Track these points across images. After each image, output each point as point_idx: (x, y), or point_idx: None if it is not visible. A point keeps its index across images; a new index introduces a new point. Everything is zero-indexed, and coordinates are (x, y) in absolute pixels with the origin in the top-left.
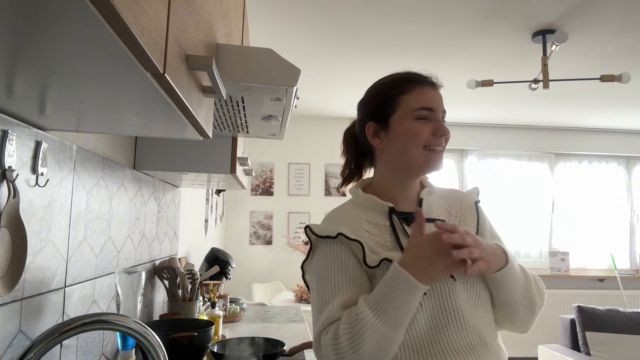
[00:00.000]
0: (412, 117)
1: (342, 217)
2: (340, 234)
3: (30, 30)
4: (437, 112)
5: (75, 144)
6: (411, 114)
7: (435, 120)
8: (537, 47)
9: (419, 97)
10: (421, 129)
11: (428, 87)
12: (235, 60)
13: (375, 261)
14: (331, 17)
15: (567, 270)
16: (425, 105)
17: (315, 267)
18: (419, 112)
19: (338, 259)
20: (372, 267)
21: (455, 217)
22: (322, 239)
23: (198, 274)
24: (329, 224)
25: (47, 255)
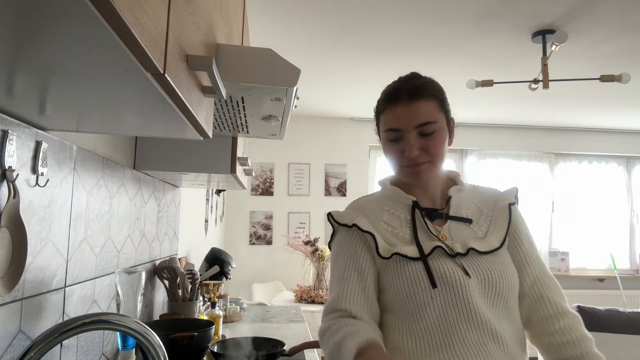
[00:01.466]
0: (385, 139)
1: (364, 207)
2: (354, 225)
3: (30, 31)
4: (405, 131)
5: (75, 144)
6: (384, 135)
7: (404, 140)
8: (537, 47)
9: (387, 118)
10: (392, 150)
11: (400, 104)
12: (235, 60)
13: (387, 253)
14: (331, 18)
15: (567, 270)
16: (391, 126)
17: (333, 250)
18: (387, 134)
19: (348, 247)
20: (384, 257)
21: (487, 216)
22: (340, 225)
23: (198, 274)
24: (349, 212)
25: (47, 255)
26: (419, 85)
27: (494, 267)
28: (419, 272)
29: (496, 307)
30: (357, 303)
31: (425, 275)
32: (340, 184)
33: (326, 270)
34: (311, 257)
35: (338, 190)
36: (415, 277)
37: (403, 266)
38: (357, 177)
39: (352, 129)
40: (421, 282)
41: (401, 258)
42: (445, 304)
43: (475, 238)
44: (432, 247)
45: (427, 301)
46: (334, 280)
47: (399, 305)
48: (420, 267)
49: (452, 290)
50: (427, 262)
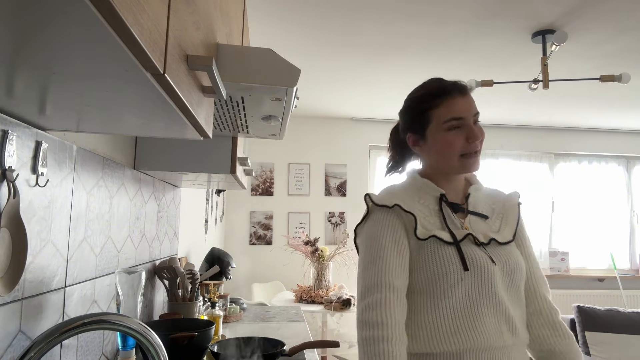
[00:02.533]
0: (445, 129)
1: (399, 194)
2: (396, 205)
3: (30, 31)
4: (467, 119)
5: (75, 144)
6: (442, 126)
7: (467, 127)
8: (537, 47)
9: (448, 109)
10: (454, 139)
11: (456, 96)
12: (235, 60)
13: (424, 235)
14: (331, 18)
15: (567, 270)
16: (454, 115)
17: (367, 230)
18: (449, 123)
19: (388, 226)
20: (421, 239)
21: (498, 214)
22: (378, 207)
23: (198, 274)
24: (387, 195)
25: (47, 255)
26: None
27: (511, 257)
28: (452, 255)
29: (511, 293)
30: (400, 277)
31: (458, 259)
32: (340, 184)
33: (326, 270)
34: (311, 257)
35: (338, 190)
36: (449, 259)
37: (437, 248)
38: (357, 177)
39: (352, 129)
40: (454, 263)
41: (437, 240)
42: (472, 286)
43: (492, 231)
44: (463, 234)
45: (457, 282)
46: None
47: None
48: (453, 251)
49: (481, 274)
50: (459, 247)
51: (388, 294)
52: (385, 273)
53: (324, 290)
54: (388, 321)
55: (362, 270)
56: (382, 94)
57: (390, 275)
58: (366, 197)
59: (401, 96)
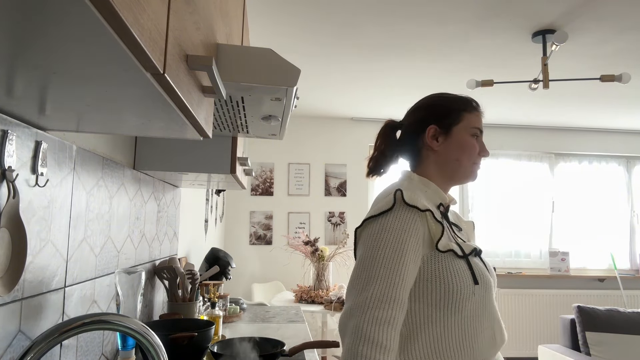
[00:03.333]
0: (470, 133)
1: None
2: (429, 211)
3: (30, 31)
4: (482, 134)
5: (75, 144)
6: (470, 130)
7: (481, 142)
8: (537, 47)
9: (477, 118)
10: (474, 145)
11: (480, 114)
12: (235, 60)
13: (445, 247)
14: (331, 18)
15: (567, 270)
16: (480, 127)
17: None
18: (475, 130)
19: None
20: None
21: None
22: (409, 206)
23: (198, 274)
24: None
25: (47, 255)
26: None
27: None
28: (464, 269)
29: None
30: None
31: (469, 273)
32: (340, 184)
33: (326, 270)
34: (311, 257)
35: (338, 190)
36: (462, 273)
37: (452, 261)
38: (357, 177)
39: (352, 129)
40: (467, 278)
41: (453, 254)
42: (480, 300)
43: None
44: (471, 248)
45: (470, 296)
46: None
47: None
48: (464, 265)
49: (487, 287)
50: (469, 261)
51: (398, 313)
52: (401, 287)
53: (324, 291)
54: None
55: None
56: (382, 94)
57: (404, 290)
58: (397, 191)
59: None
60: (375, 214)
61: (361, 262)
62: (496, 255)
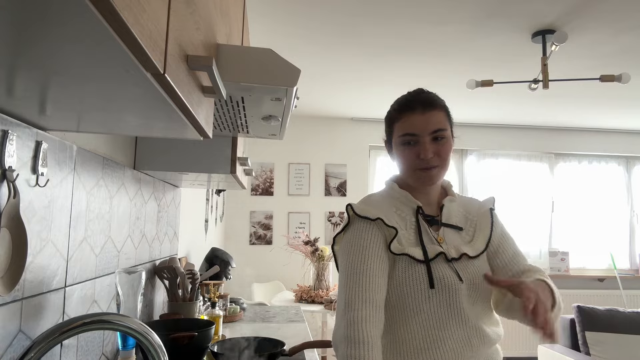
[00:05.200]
0: (400, 143)
1: (379, 204)
2: (379, 219)
3: (30, 31)
4: (421, 135)
5: (75, 144)
6: (399, 139)
7: (420, 144)
8: (537, 47)
9: (404, 124)
10: (407, 154)
11: (417, 112)
12: (235, 60)
13: (398, 250)
14: (331, 17)
15: (567, 270)
16: (408, 131)
17: (349, 241)
18: (403, 138)
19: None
20: (394, 254)
21: (472, 222)
22: (360, 218)
23: (198, 274)
24: (369, 206)
25: (47, 255)
26: (430, 98)
27: (479, 273)
28: (421, 274)
29: (477, 305)
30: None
31: (426, 277)
32: (340, 184)
33: (326, 270)
34: (311, 257)
35: (338, 190)
36: (418, 277)
37: (408, 266)
38: (357, 177)
39: (352, 129)
40: (422, 282)
41: (408, 258)
42: (439, 304)
43: (464, 242)
44: (436, 252)
45: (425, 300)
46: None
47: (400, 300)
48: (423, 269)
49: (447, 293)
50: (429, 266)
51: (370, 311)
52: (367, 288)
53: (324, 290)
54: (370, 341)
55: (344, 282)
56: (382, 94)
57: (372, 291)
58: (348, 207)
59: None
60: (339, 232)
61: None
62: None
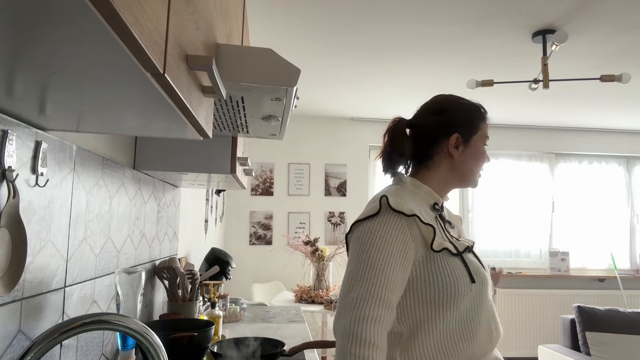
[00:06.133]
0: (484, 143)
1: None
2: (415, 215)
3: (30, 31)
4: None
5: (75, 144)
6: (484, 139)
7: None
8: (537, 47)
9: (487, 127)
10: (486, 155)
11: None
12: (235, 60)
13: (439, 246)
14: (331, 17)
15: (567, 270)
16: (488, 136)
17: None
18: (486, 139)
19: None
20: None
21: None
22: (395, 212)
23: (198, 274)
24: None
25: (47, 255)
26: None
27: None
28: (460, 267)
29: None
30: (396, 293)
31: (465, 270)
32: (340, 184)
33: (326, 270)
34: (311, 257)
35: (338, 190)
36: (459, 270)
37: (448, 260)
38: (357, 177)
39: (352, 129)
40: (463, 275)
41: (447, 252)
42: (477, 295)
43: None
44: (464, 245)
45: (466, 293)
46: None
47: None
48: (459, 262)
49: (483, 284)
50: (463, 258)
51: (383, 311)
52: (386, 287)
53: (324, 291)
54: (379, 343)
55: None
56: (382, 94)
57: (390, 291)
58: (383, 197)
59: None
60: (361, 218)
61: (349, 265)
62: (496, 255)
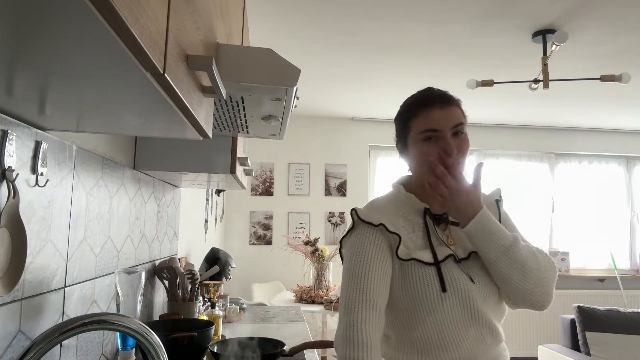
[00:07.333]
0: (421, 140)
1: (384, 208)
2: (382, 224)
3: (30, 31)
4: (443, 131)
5: (75, 144)
6: (419, 136)
7: (443, 139)
8: (537, 47)
9: (425, 120)
10: (427, 150)
11: (435, 108)
12: (235, 60)
13: (406, 255)
14: (331, 18)
15: (567, 270)
16: (430, 127)
17: (352, 244)
18: (425, 134)
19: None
20: (402, 259)
21: None
22: (364, 223)
23: (198, 274)
24: (373, 211)
25: (47, 255)
26: (447, 94)
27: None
28: (432, 276)
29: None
30: (382, 295)
31: (437, 280)
32: (340, 184)
33: (326, 270)
34: (311, 257)
35: (338, 190)
36: (429, 280)
37: (418, 269)
38: (357, 177)
39: (352, 129)
40: (434, 284)
41: (417, 262)
42: (453, 305)
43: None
44: (445, 254)
45: (438, 302)
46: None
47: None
48: (433, 272)
49: (460, 295)
50: (440, 268)
51: (370, 313)
52: (368, 290)
53: (324, 291)
54: (369, 342)
55: (345, 284)
56: (382, 94)
57: (372, 293)
58: (352, 211)
59: (401, 96)
60: (344, 235)
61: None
62: None
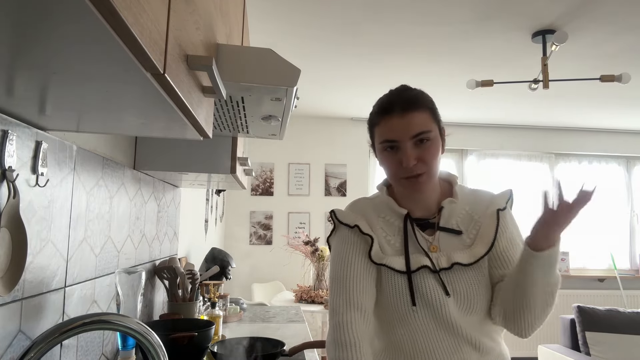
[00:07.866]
0: (381, 150)
1: (364, 209)
2: (356, 226)
3: (30, 31)
4: (401, 141)
5: (75, 144)
6: (380, 146)
7: (401, 150)
8: (537, 47)
9: (382, 129)
10: (389, 161)
11: (395, 115)
12: (235, 60)
13: (378, 259)
14: (331, 17)
15: (567, 270)
16: (387, 137)
17: (334, 246)
18: (383, 145)
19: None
20: (374, 262)
21: (477, 222)
22: (342, 224)
23: (198, 274)
24: (351, 213)
25: (47, 255)
26: (412, 97)
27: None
28: (402, 286)
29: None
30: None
31: (408, 291)
32: (340, 184)
33: (326, 270)
34: (311, 257)
35: (338, 190)
36: (400, 289)
37: (390, 277)
38: (357, 177)
39: (352, 129)
40: (404, 296)
41: (389, 269)
42: (425, 316)
43: (463, 247)
44: (419, 264)
45: (408, 312)
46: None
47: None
48: (404, 281)
49: (431, 308)
50: (410, 278)
51: (355, 313)
52: (351, 292)
53: (324, 291)
54: (356, 342)
55: (330, 287)
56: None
57: (356, 294)
58: (331, 213)
59: None
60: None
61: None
62: None
